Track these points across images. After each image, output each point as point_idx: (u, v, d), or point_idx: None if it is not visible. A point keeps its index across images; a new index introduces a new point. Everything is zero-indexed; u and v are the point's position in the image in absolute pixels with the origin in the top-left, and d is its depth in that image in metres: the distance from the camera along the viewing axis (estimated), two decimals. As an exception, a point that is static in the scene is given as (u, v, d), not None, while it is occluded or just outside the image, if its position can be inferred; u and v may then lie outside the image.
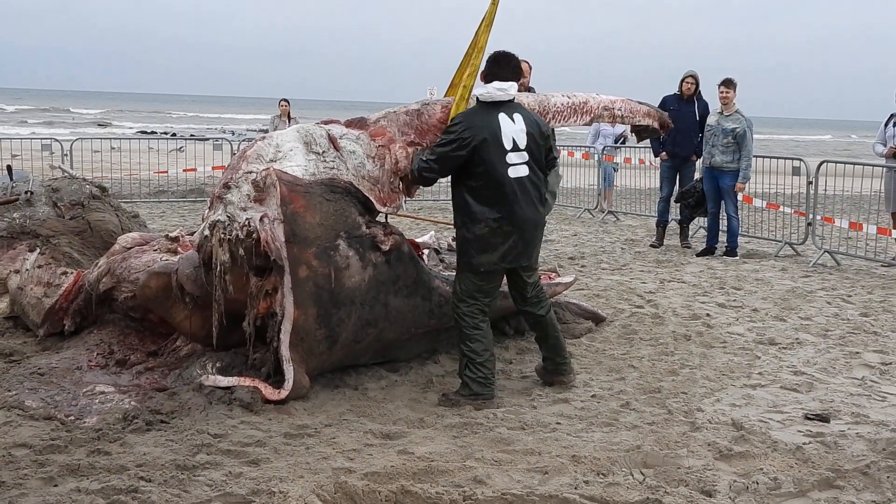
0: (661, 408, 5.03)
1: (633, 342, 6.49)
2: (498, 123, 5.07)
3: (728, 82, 10.35)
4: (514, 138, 5.08)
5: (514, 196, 5.04)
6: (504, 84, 5.17)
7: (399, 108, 5.89)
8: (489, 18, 6.04)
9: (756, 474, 4.06)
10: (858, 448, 4.44)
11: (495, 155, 5.03)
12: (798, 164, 12.14)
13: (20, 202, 7.03)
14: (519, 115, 5.15)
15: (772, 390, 5.45)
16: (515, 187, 5.05)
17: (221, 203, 5.14)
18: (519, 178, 5.06)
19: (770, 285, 8.87)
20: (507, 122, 5.08)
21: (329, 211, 5.08)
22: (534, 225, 5.17)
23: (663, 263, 10.13)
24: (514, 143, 5.07)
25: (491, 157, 5.02)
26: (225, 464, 4.05)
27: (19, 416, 4.61)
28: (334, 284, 4.99)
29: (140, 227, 7.62)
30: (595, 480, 3.95)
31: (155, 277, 5.42)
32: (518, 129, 5.10)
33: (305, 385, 4.96)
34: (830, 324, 7.26)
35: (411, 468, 4.00)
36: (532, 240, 5.19)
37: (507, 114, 5.11)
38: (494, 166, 5.03)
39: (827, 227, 11.79)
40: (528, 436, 4.53)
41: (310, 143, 5.34)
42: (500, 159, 5.03)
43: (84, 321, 5.92)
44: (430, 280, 5.53)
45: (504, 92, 5.15)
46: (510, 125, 5.09)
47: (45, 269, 6.28)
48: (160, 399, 4.89)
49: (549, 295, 6.51)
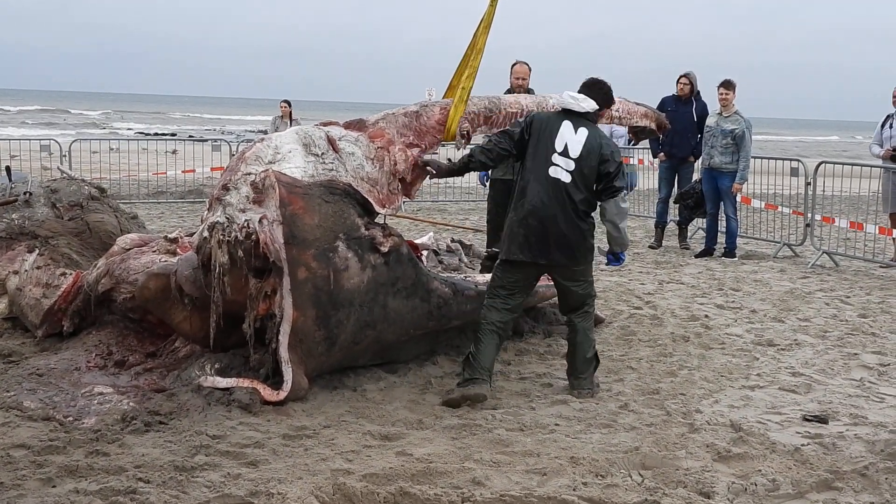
0: (660, 409, 5.03)
1: (631, 343, 6.49)
2: (559, 126, 5.24)
3: (727, 84, 10.36)
4: (567, 144, 5.20)
5: (546, 193, 5.16)
6: (578, 95, 5.35)
7: (398, 110, 5.90)
8: (488, 20, 6.05)
9: (754, 476, 4.07)
10: (857, 449, 4.45)
11: (542, 149, 5.20)
12: (796, 165, 12.15)
13: (19, 203, 7.03)
14: (585, 130, 5.26)
15: (770, 391, 5.46)
16: (550, 186, 5.17)
17: (220, 204, 5.14)
18: (556, 179, 5.18)
19: (768, 286, 8.88)
20: (568, 129, 5.24)
21: (328, 212, 5.08)
22: (559, 227, 5.17)
23: (662, 265, 10.13)
24: (566, 149, 5.19)
25: (538, 151, 5.21)
26: (223, 465, 4.05)
27: (18, 417, 4.61)
28: (333, 286, 4.99)
29: (139, 228, 7.62)
30: (593, 482, 3.96)
31: (154, 279, 5.41)
32: (576, 139, 5.22)
33: (304, 386, 4.96)
34: (829, 325, 7.26)
35: (410, 469, 4.00)
36: (555, 241, 5.18)
37: (573, 124, 5.26)
38: (538, 161, 5.21)
39: (825, 228, 11.81)
40: (527, 437, 4.53)
41: (309, 145, 5.34)
42: (545, 155, 5.19)
43: (83, 322, 5.92)
44: (428, 281, 5.53)
45: (575, 101, 5.31)
46: (570, 133, 5.23)
47: (44, 270, 6.27)
48: (159, 400, 4.89)
49: (548, 297, 6.53)
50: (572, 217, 5.18)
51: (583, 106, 5.30)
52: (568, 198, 5.17)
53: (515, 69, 8.58)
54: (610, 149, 5.32)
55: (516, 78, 8.53)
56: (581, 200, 5.20)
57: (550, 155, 5.19)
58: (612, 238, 5.84)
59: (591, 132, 5.28)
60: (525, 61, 8.63)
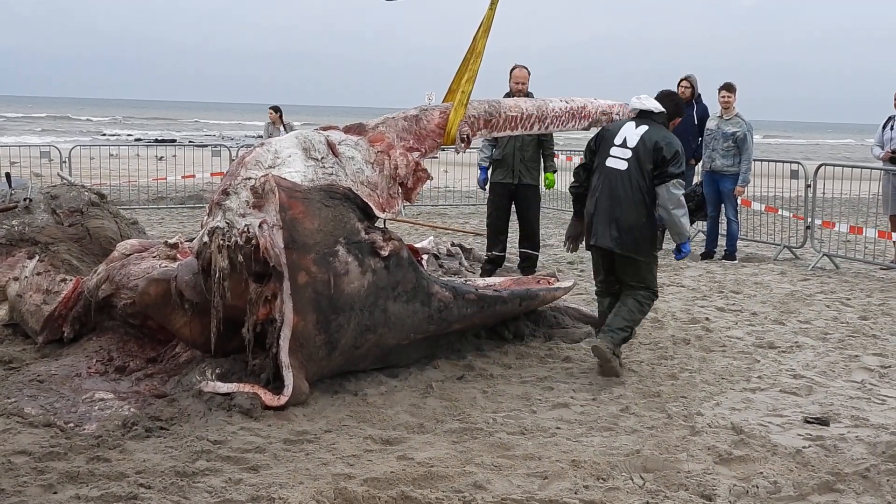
0: (661, 412, 5.03)
1: (632, 346, 6.48)
2: (622, 126, 5.85)
3: (728, 86, 10.37)
4: (625, 137, 5.73)
5: (605, 182, 5.72)
6: (642, 95, 5.90)
7: (398, 114, 5.91)
8: (487, 24, 6.06)
9: (756, 478, 4.06)
10: (858, 451, 4.45)
11: (606, 146, 5.81)
12: (796, 168, 12.15)
13: (19, 209, 7.04)
14: (645, 126, 5.75)
15: (771, 394, 5.45)
16: (608, 176, 5.72)
17: (220, 209, 5.14)
18: (614, 169, 5.70)
19: (769, 289, 8.88)
20: (629, 127, 5.79)
21: (328, 217, 5.08)
22: (615, 213, 5.65)
23: (662, 267, 10.08)
24: (624, 141, 5.72)
25: (603, 148, 5.82)
26: (224, 470, 4.05)
27: (19, 424, 4.61)
28: (333, 290, 4.99)
29: (139, 233, 7.63)
30: (595, 485, 3.95)
31: (154, 284, 5.41)
32: (635, 133, 5.72)
33: (305, 391, 4.96)
34: (829, 327, 7.26)
35: (411, 474, 4.00)
36: (614, 227, 5.65)
37: (636, 123, 5.80)
38: (601, 155, 5.82)
39: (826, 231, 11.80)
40: (528, 441, 4.53)
41: (308, 149, 5.35)
42: (606, 149, 5.79)
43: (83, 328, 5.92)
44: (429, 285, 5.53)
45: (638, 100, 5.86)
46: (631, 129, 5.76)
47: (44, 276, 6.28)
48: (159, 405, 4.88)
49: (549, 300, 6.54)
50: (629, 203, 5.63)
51: (644, 104, 5.79)
52: (627, 184, 5.64)
53: (515, 73, 8.60)
54: (667, 140, 5.67)
55: (516, 82, 8.55)
56: (636, 184, 5.63)
57: (609, 148, 5.75)
58: (668, 227, 6.01)
59: (653, 128, 5.72)
60: (524, 65, 8.65)
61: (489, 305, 5.96)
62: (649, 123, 5.71)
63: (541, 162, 8.82)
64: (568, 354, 6.15)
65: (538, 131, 6.68)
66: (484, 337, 6.30)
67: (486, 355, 6.07)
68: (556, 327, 6.62)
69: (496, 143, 8.60)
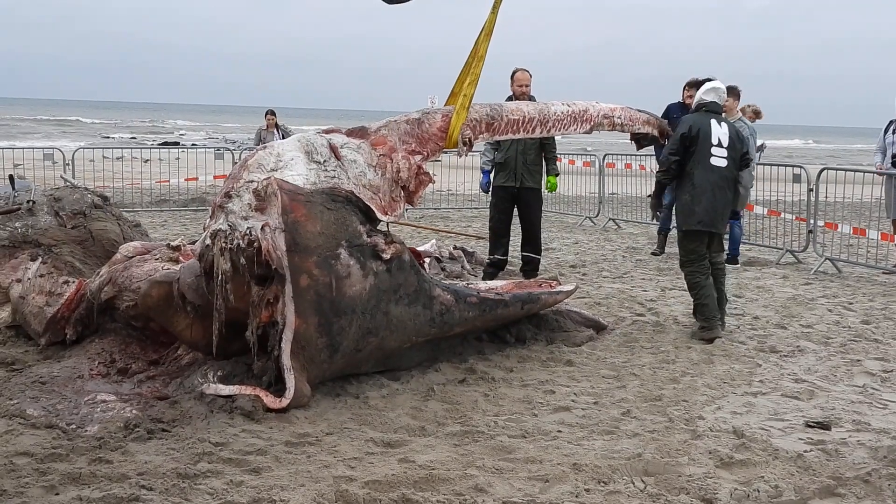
0: (663, 416, 5.03)
1: (634, 350, 6.49)
2: (709, 124, 6.82)
3: (731, 90, 10.36)
4: (719, 137, 6.82)
5: (710, 178, 6.76)
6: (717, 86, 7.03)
7: (400, 117, 5.92)
8: (489, 27, 6.07)
9: (757, 482, 4.06)
10: (860, 456, 4.44)
11: (705, 146, 6.77)
12: (799, 172, 12.15)
13: (22, 212, 7.05)
14: (724, 123, 6.93)
15: (773, 398, 5.45)
16: (712, 172, 6.78)
17: (223, 212, 5.15)
18: (717, 166, 6.79)
19: (771, 293, 8.87)
20: (716, 127, 6.85)
21: (330, 220, 5.09)
22: (719, 201, 6.81)
23: (664, 271, 10.13)
24: (719, 141, 6.81)
25: (703, 147, 6.77)
26: (226, 472, 4.06)
27: (21, 425, 4.62)
28: (335, 293, 5.00)
29: (142, 236, 7.64)
30: (596, 489, 3.95)
31: (156, 286, 5.43)
32: (724, 133, 6.85)
33: (306, 393, 4.96)
34: (831, 331, 7.25)
35: (412, 476, 4.00)
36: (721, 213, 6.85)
37: (715, 119, 6.90)
38: (701, 153, 6.78)
39: (828, 235, 11.79)
40: (529, 444, 4.53)
41: (311, 153, 5.36)
42: (706, 149, 6.77)
43: (86, 330, 5.93)
44: (431, 289, 5.54)
45: (716, 94, 7.00)
46: (717, 129, 6.84)
47: (47, 278, 6.29)
48: (161, 408, 4.89)
49: (551, 303, 6.54)
50: (728, 193, 6.86)
51: (722, 97, 7.02)
52: (726, 176, 6.83)
53: (517, 76, 8.61)
54: (739, 132, 7.02)
55: (518, 85, 8.55)
56: (733, 176, 6.89)
57: (710, 148, 6.77)
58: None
59: (726, 123, 6.97)
60: (526, 69, 8.66)
61: (491, 309, 5.97)
62: (721, 119, 6.93)
63: (543, 165, 8.83)
64: (570, 358, 6.16)
65: (540, 135, 6.69)
66: (486, 340, 6.30)
67: (487, 358, 6.07)
68: (558, 331, 6.62)
69: (498, 146, 8.61)
